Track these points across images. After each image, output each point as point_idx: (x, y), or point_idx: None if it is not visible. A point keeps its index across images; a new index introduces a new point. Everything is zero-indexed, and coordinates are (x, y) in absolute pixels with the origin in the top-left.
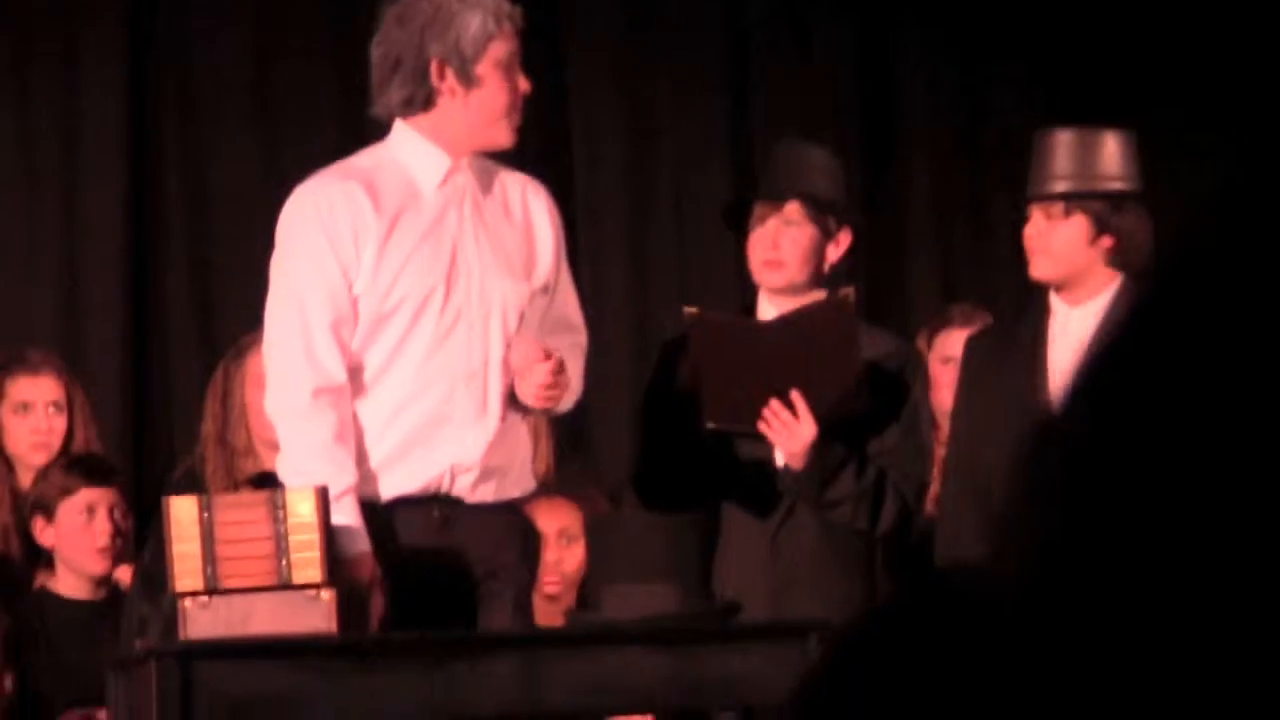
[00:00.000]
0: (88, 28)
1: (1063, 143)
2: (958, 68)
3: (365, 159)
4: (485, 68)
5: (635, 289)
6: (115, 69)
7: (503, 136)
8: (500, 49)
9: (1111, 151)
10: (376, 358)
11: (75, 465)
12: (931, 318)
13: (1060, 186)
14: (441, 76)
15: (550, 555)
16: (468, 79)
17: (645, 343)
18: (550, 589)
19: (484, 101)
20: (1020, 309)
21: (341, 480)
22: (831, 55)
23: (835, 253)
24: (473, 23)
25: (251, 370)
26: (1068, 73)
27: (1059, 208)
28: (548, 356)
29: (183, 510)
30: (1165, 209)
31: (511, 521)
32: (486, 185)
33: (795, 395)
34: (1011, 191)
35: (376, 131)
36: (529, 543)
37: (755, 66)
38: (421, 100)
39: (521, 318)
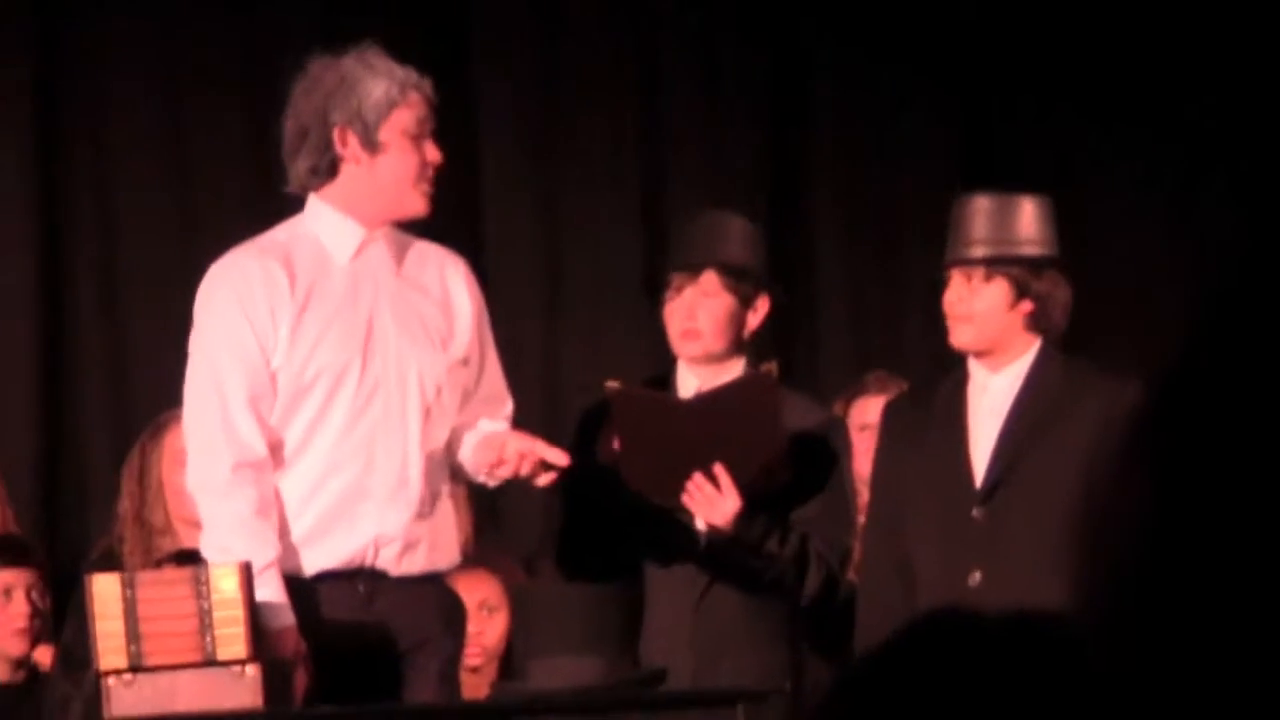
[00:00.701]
0: None
1: (981, 208)
2: (870, 127)
3: (281, 233)
4: (389, 134)
5: (548, 357)
6: (25, 141)
7: (414, 205)
8: (405, 116)
9: (1029, 216)
10: (295, 432)
11: None
12: (846, 385)
13: (980, 251)
14: (345, 143)
15: (471, 627)
16: (371, 145)
17: (558, 412)
18: (472, 661)
19: (389, 168)
20: (934, 374)
21: (264, 555)
22: (742, 122)
23: (754, 321)
24: (375, 90)
25: (169, 448)
26: (982, 137)
27: (980, 273)
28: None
29: (105, 588)
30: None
31: (437, 593)
32: (402, 257)
33: (718, 469)
34: (924, 257)
35: (291, 206)
36: (455, 615)
37: (667, 135)
38: (326, 168)
39: (440, 390)
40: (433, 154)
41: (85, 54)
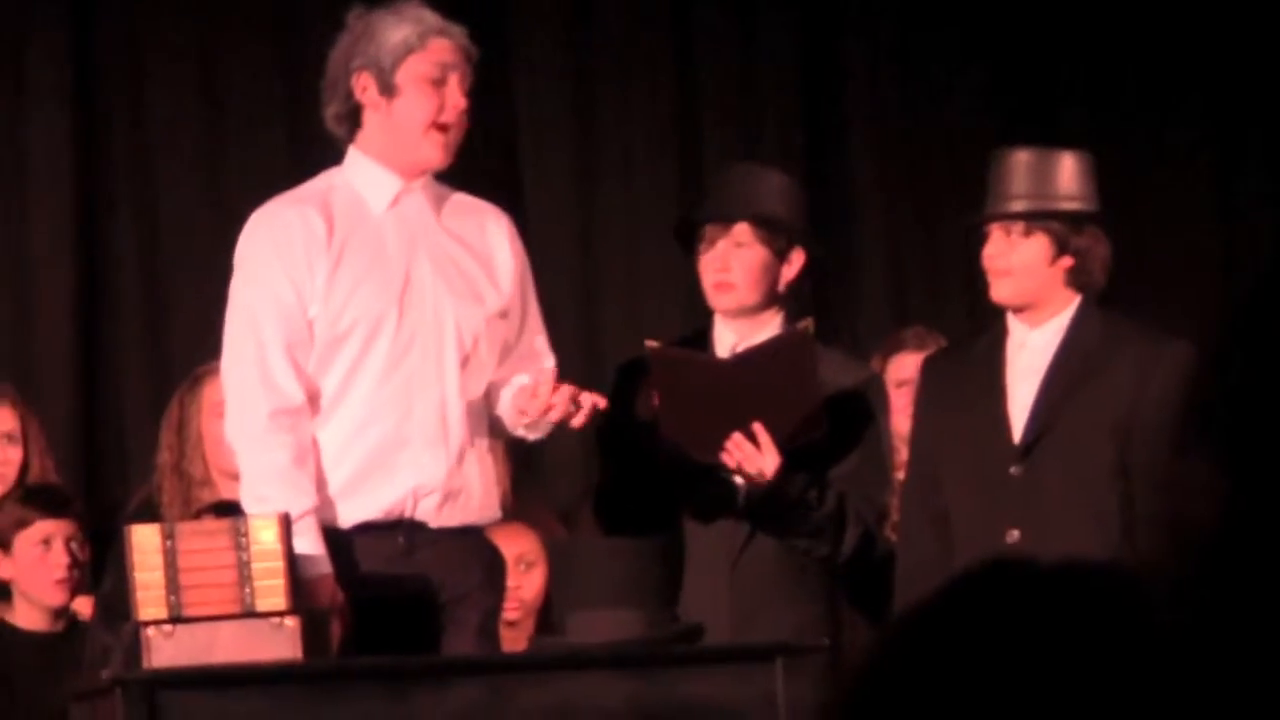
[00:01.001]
0: (30, 68)
1: (1021, 162)
2: (907, 83)
3: (320, 182)
4: (403, 78)
5: (584, 311)
6: (62, 97)
7: (427, 152)
8: (421, 62)
9: (1070, 171)
10: (332, 381)
11: (31, 496)
12: (883, 340)
13: (1020, 206)
14: (364, 88)
15: (509, 581)
16: (387, 89)
17: (595, 365)
18: (510, 615)
19: (404, 112)
20: (972, 330)
21: (300, 503)
22: (778, 77)
23: (789, 273)
24: (395, 35)
25: (207, 400)
26: (1019, 91)
27: (1019, 227)
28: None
29: (145, 538)
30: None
31: (477, 546)
32: (441, 210)
33: (757, 427)
34: (963, 213)
35: (327, 161)
36: (495, 568)
37: (702, 90)
38: (349, 115)
39: (477, 340)
40: (453, 99)
41: (121, 28)
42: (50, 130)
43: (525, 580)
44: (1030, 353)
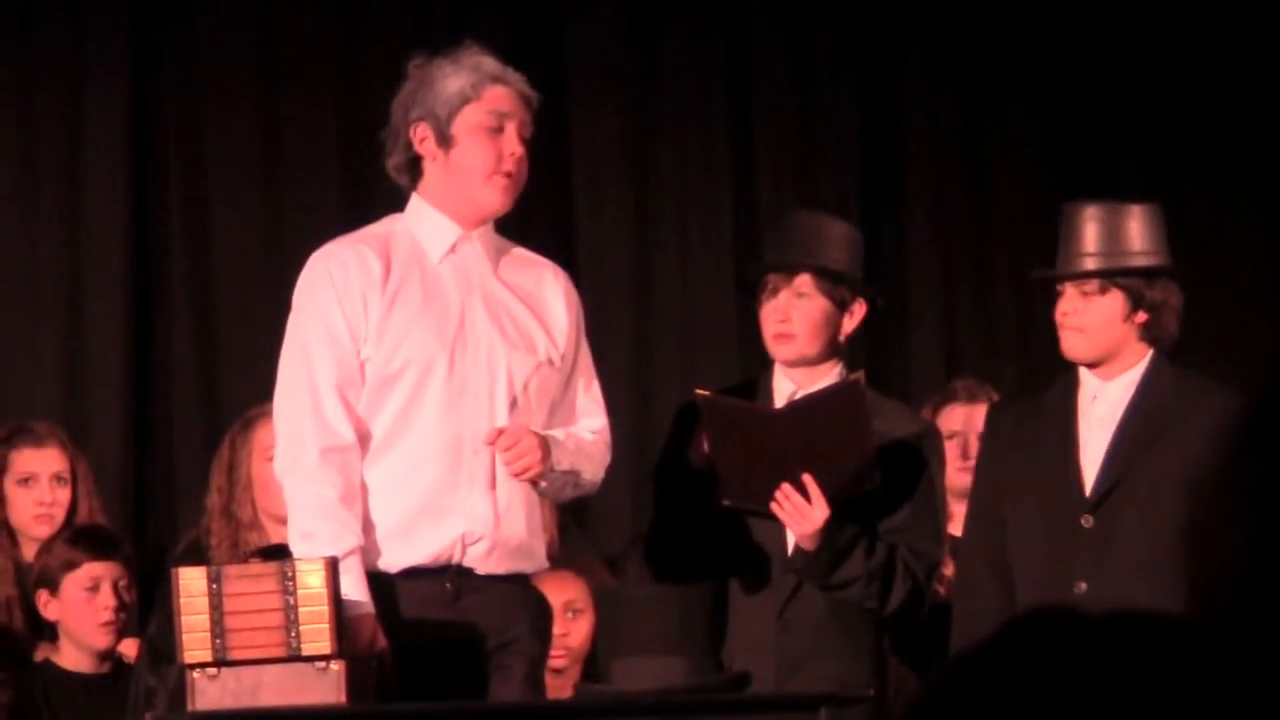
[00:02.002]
0: (88, 116)
1: (1091, 218)
2: (962, 136)
3: (381, 226)
4: (460, 128)
5: (638, 358)
6: (118, 143)
7: (488, 197)
8: (477, 111)
9: (1141, 225)
10: (383, 423)
11: (79, 538)
12: (933, 392)
13: (1093, 263)
14: (421, 139)
15: (556, 628)
16: (444, 140)
17: (647, 413)
18: (556, 662)
19: (461, 162)
20: (1023, 383)
21: (346, 541)
22: (835, 130)
23: (849, 324)
24: (451, 85)
25: (258, 443)
26: (1073, 145)
27: (1094, 285)
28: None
29: (191, 581)
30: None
31: (523, 594)
32: (499, 261)
33: (807, 478)
34: (1016, 266)
35: (383, 206)
36: (541, 616)
37: (758, 141)
38: (409, 165)
39: (527, 386)
40: (510, 147)
41: (181, 74)
42: (106, 176)
43: (572, 628)
44: (1104, 404)
